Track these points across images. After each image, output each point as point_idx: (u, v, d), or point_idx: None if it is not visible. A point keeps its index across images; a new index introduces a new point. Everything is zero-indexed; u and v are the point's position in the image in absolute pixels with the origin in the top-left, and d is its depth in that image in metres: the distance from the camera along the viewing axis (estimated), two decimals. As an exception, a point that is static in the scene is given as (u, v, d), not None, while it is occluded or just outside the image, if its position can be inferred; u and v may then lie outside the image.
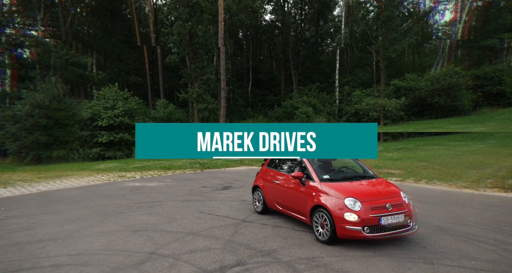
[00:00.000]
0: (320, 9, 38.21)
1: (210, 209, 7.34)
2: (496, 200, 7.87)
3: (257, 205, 6.93)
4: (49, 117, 22.01)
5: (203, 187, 10.43)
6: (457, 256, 4.40)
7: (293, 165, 6.11)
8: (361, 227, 4.55)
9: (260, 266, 4.11)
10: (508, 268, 3.99)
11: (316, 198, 5.10)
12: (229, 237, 5.31)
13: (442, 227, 5.74)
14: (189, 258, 4.43)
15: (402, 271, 3.93)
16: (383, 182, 5.41)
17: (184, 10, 25.04)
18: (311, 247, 4.76)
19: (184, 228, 5.89)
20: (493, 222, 6.00)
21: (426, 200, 7.83)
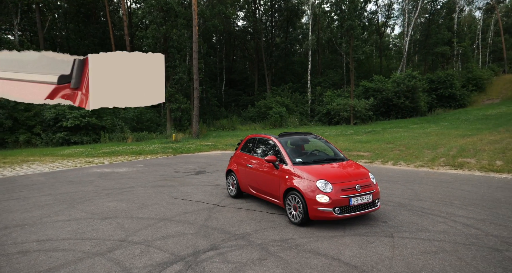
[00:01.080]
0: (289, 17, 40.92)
1: (183, 194, 7.24)
2: (448, 177, 8.46)
3: (231, 189, 6.92)
4: (14, 118, 20.71)
5: (176, 172, 10.24)
6: (414, 229, 4.70)
7: (267, 149, 6.11)
8: (332, 208, 4.69)
9: (234, 250, 4.13)
10: (457, 237, 4.32)
11: (289, 181, 5.16)
12: (203, 221, 5.28)
13: (402, 203, 6.08)
14: (161, 244, 4.35)
15: (367, 246, 4.12)
16: (353, 164, 5.56)
17: (159, 14, 24.72)
18: (284, 229, 4.85)
19: (156, 214, 5.77)
20: (444, 196, 6.45)
21: (389, 179, 8.23)
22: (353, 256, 3.88)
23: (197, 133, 23.00)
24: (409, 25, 36.27)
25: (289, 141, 6.04)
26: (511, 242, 4.20)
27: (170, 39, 25.25)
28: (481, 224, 4.87)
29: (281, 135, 6.16)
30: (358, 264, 3.66)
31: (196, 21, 22.56)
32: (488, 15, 49.77)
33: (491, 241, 4.25)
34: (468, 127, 19.24)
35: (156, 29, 24.60)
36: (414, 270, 3.50)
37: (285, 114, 30.06)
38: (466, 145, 13.02)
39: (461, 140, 14.35)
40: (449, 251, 3.97)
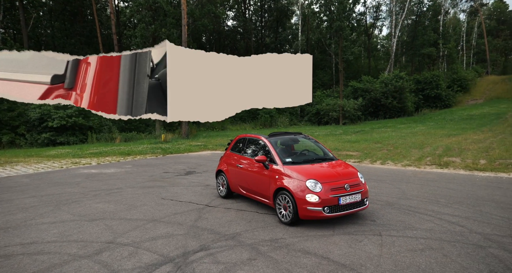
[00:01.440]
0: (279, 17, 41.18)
1: (172, 194, 7.17)
2: (434, 176, 8.65)
3: (221, 189, 6.89)
4: None
5: (165, 172, 10.14)
6: (401, 227, 4.78)
7: (257, 149, 6.12)
8: (322, 207, 4.73)
9: (224, 250, 4.12)
10: (443, 235, 4.42)
11: (279, 180, 5.18)
12: (193, 222, 5.25)
13: (389, 201, 6.18)
14: (150, 246, 4.30)
15: (355, 244, 4.17)
16: (342, 164, 5.62)
17: (147, 13, 24.52)
18: (274, 229, 4.87)
19: (145, 215, 5.70)
20: (430, 195, 6.59)
21: (377, 178, 8.35)
22: (342, 254, 3.92)
23: (186, 133, 22.84)
24: (396, 26, 36.94)
25: (279, 140, 6.06)
26: (493, 238, 4.32)
27: (159, 38, 25.05)
28: (466, 222, 5.00)
29: (271, 135, 6.18)
30: (347, 263, 3.71)
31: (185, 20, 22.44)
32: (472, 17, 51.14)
33: (475, 238, 4.36)
34: (453, 127, 19.70)
35: (144, 28, 24.38)
36: (402, 268, 3.57)
37: (275, 115, 30.20)
38: (452, 144, 13.33)
39: (446, 140, 14.69)
40: (435, 248, 4.05)
